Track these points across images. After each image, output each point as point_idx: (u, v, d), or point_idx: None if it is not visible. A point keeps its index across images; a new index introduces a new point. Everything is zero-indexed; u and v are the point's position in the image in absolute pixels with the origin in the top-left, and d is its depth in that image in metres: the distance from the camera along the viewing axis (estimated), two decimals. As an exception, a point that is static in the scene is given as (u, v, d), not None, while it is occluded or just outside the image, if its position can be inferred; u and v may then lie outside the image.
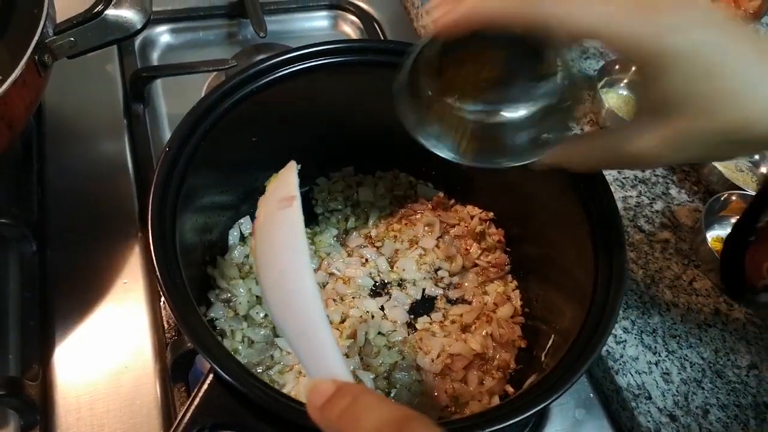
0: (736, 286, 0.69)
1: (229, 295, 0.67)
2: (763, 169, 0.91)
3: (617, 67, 0.97)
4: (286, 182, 0.49)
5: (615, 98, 0.97)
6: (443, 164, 0.77)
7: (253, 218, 0.74)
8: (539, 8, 0.39)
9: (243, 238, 0.72)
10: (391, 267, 0.73)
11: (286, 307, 0.42)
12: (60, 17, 0.68)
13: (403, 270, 0.73)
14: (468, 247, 0.76)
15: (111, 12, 0.68)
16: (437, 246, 0.75)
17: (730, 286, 0.71)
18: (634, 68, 0.97)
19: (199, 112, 0.59)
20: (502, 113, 0.49)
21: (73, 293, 0.68)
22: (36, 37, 0.62)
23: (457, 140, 0.51)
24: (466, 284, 0.73)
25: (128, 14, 0.69)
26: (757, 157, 0.92)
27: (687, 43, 0.38)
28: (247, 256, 0.71)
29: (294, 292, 0.41)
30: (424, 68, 0.49)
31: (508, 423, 0.46)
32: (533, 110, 0.49)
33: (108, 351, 0.65)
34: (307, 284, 0.41)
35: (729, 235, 0.68)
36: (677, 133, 0.41)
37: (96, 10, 0.67)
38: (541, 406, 0.47)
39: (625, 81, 0.98)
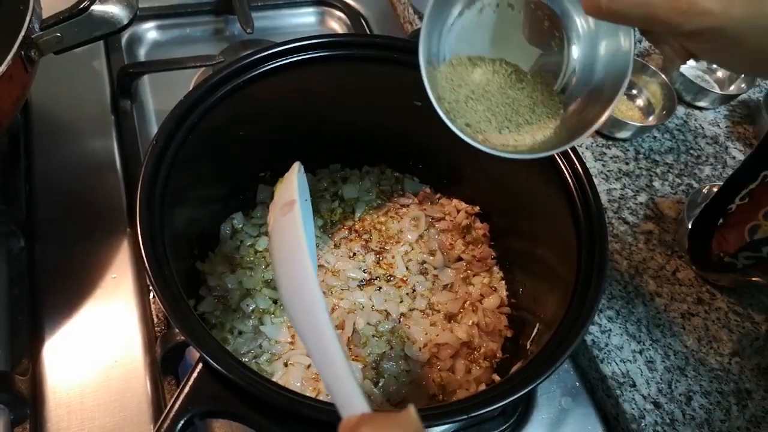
0: (703, 260, 0.76)
1: (219, 290, 0.68)
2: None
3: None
4: (288, 186, 0.50)
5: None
6: (429, 159, 0.79)
7: (244, 213, 0.74)
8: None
9: (234, 233, 0.73)
10: (379, 261, 0.74)
11: (298, 314, 0.43)
12: (46, 12, 0.68)
13: (391, 265, 0.74)
14: (452, 242, 0.76)
15: (97, 7, 0.68)
16: (421, 238, 0.76)
17: (698, 260, 0.78)
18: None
19: (186, 105, 0.59)
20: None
21: (62, 288, 0.68)
22: (22, 33, 0.62)
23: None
24: (451, 277, 0.74)
25: (114, 10, 0.69)
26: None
27: None
28: (237, 248, 0.71)
29: (302, 301, 0.43)
30: None
31: (493, 407, 0.47)
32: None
33: (98, 345, 0.65)
34: (314, 293, 0.42)
35: (699, 215, 0.76)
36: None
37: (82, 6, 0.67)
38: (525, 390, 0.48)
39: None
